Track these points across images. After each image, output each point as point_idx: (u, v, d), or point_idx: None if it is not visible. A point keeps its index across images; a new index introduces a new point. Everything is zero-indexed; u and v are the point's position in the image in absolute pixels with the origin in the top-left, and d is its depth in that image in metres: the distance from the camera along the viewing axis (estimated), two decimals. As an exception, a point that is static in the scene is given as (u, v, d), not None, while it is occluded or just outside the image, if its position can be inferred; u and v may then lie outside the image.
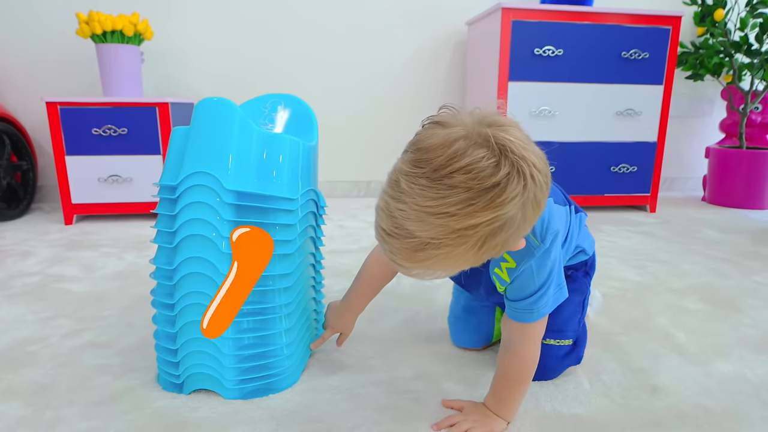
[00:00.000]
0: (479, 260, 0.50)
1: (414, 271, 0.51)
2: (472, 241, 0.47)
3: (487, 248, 0.48)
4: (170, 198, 0.70)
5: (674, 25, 1.95)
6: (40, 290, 1.17)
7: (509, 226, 0.48)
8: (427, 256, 0.48)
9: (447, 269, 0.51)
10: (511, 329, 0.66)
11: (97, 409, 0.70)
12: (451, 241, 0.47)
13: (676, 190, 2.67)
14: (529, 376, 0.67)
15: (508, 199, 0.46)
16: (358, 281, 0.82)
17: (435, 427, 0.66)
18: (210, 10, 2.16)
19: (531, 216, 0.50)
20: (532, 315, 0.63)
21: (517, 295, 0.64)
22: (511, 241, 0.50)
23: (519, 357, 0.66)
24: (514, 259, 0.62)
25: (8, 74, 2.10)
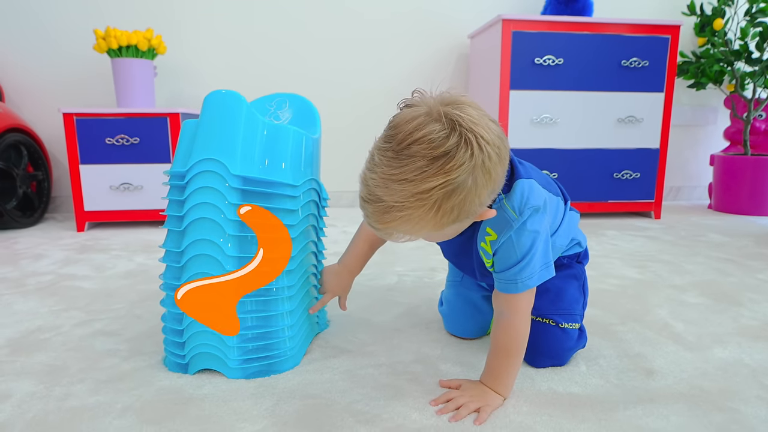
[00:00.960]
0: (440, 224, 0.56)
1: (386, 232, 0.59)
2: (429, 204, 0.54)
3: (443, 211, 0.55)
4: (179, 184, 0.74)
5: (673, 34, 1.99)
6: (53, 287, 1.20)
7: (461, 191, 0.54)
8: (393, 218, 0.56)
9: (412, 231, 0.58)
10: (501, 303, 0.69)
11: (106, 386, 0.73)
12: (411, 204, 0.54)
13: (682, 199, 2.67)
14: (520, 349, 0.69)
15: (456, 165, 0.53)
16: (355, 241, 0.87)
17: (432, 403, 0.68)
18: (220, 27, 2.24)
19: (483, 183, 0.56)
20: (517, 286, 0.66)
21: (501, 265, 0.67)
22: (468, 206, 0.56)
23: (509, 329, 0.68)
24: (495, 231, 0.67)
25: (27, 88, 2.19)
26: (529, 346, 0.73)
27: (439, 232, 0.60)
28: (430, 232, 0.59)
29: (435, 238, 0.66)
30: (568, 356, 0.79)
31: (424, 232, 0.59)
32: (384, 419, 0.64)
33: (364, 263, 0.89)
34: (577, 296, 0.82)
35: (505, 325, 0.68)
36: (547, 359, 0.78)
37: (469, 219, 0.60)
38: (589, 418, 0.64)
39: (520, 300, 0.67)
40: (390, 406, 0.67)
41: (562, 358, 0.78)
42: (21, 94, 2.19)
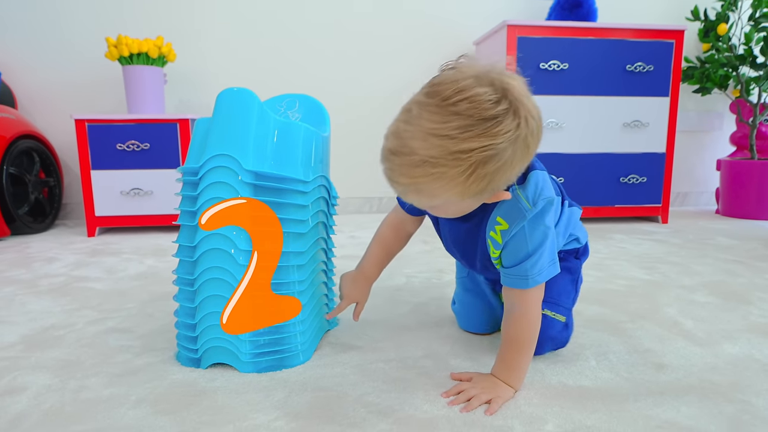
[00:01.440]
0: (466, 191, 0.55)
1: (407, 189, 0.57)
2: (465, 166, 0.53)
3: (476, 177, 0.54)
4: (193, 180, 0.76)
5: (677, 39, 2.00)
6: (65, 288, 1.22)
7: (499, 159, 0.54)
8: (423, 173, 0.54)
9: (435, 193, 0.56)
10: (511, 297, 0.69)
11: (120, 379, 0.74)
12: (447, 161, 0.53)
13: (689, 204, 2.66)
14: (532, 340, 0.69)
15: (502, 132, 0.52)
16: (372, 247, 0.86)
17: (444, 395, 0.68)
18: (229, 35, 2.27)
19: (519, 157, 0.56)
20: (527, 281, 0.66)
21: (511, 260, 0.67)
22: (498, 178, 0.56)
23: (520, 321, 0.68)
24: (506, 221, 0.66)
25: (40, 95, 2.23)
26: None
27: (457, 203, 0.59)
28: (451, 198, 0.57)
29: (446, 210, 0.64)
30: (548, 346, 0.78)
31: (444, 197, 0.57)
32: (395, 410, 0.65)
33: (380, 270, 0.87)
34: (568, 289, 0.82)
35: (516, 317, 0.69)
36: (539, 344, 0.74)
37: (489, 194, 0.59)
38: (600, 410, 0.65)
39: (531, 294, 0.67)
40: (401, 398, 0.68)
41: (542, 347, 0.76)
42: (34, 102, 2.23)
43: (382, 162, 0.59)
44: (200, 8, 2.25)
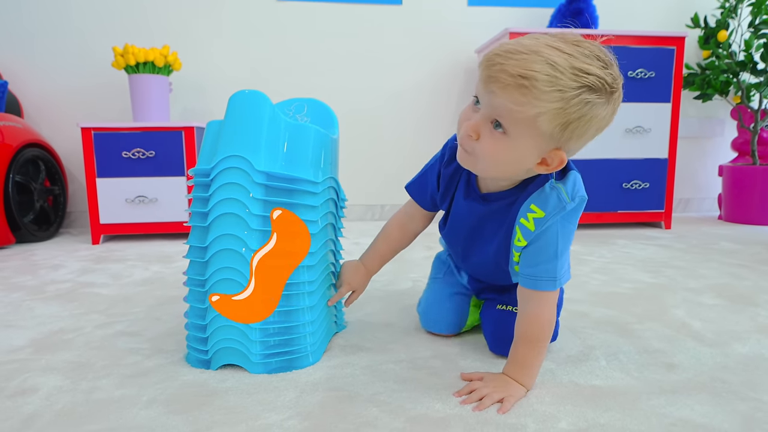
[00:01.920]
0: (558, 116, 0.57)
1: (515, 83, 0.56)
2: (578, 84, 0.55)
3: (577, 103, 0.56)
4: (204, 181, 0.76)
5: (678, 46, 2.02)
6: (72, 293, 1.22)
7: (598, 104, 0.58)
8: (541, 70, 0.55)
9: (539, 98, 0.56)
10: (528, 297, 0.69)
11: (130, 380, 0.74)
12: (565, 71, 0.55)
13: (691, 210, 2.67)
14: (546, 339, 0.69)
15: (616, 81, 0.59)
16: (377, 241, 0.89)
17: (456, 394, 0.68)
18: (234, 44, 2.30)
19: (602, 123, 0.60)
20: (555, 283, 0.67)
21: (537, 259, 0.67)
22: (581, 126, 0.58)
23: (534, 320, 0.68)
24: (543, 210, 0.66)
25: (46, 104, 2.25)
26: (493, 333, 0.79)
27: (528, 138, 0.59)
28: (540, 113, 0.56)
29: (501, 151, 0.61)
30: None
31: (538, 110, 0.56)
32: (407, 409, 0.65)
33: (382, 264, 0.91)
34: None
35: (530, 316, 0.68)
36: (509, 344, 0.72)
37: (560, 143, 0.60)
38: (613, 408, 0.64)
39: (551, 295, 0.68)
40: (412, 397, 0.68)
41: None
42: (40, 110, 2.25)
43: (488, 62, 0.58)
44: (206, 18, 2.27)
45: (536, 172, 0.65)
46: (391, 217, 0.90)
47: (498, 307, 0.83)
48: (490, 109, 0.61)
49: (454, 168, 0.78)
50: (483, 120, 0.62)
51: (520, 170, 0.66)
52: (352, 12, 2.34)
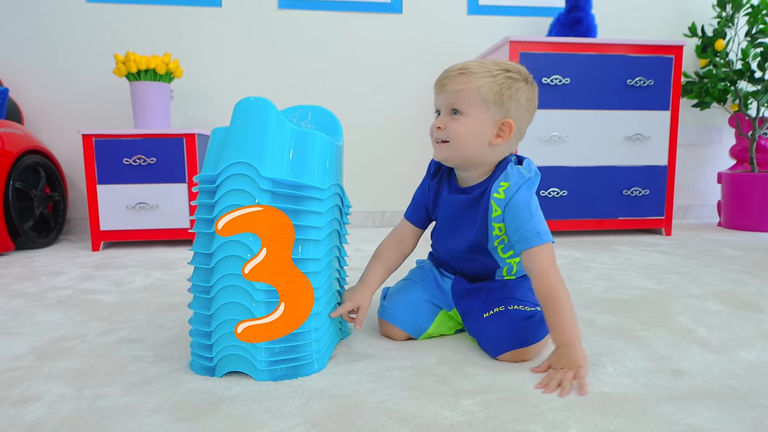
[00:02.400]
0: (493, 85, 0.79)
1: (457, 73, 0.81)
2: (497, 69, 0.81)
3: (499, 80, 0.80)
4: (210, 188, 0.76)
5: (676, 54, 2.04)
6: (73, 300, 1.21)
7: (518, 79, 0.81)
8: (473, 63, 0.82)
9: (475, 77, 0.80)
10: (530, 261, 0.79)
11: (135, 388, 0.73)
12: (486, 64, 0.82)
13: (691, 217, 2.68)
14: (565, 294, 0.77)
15: (529, 75, 0.84)
16: (372, 263, 0.95)
17: (539, 387, 0.72)
18: (236, 53, 2.30)
19: (527, 100, 0.83)
20: (540, 237, 0.79)
21: (518, 223, 0.80)
22: (515, 97, 0.81)
23: (548, 283, 0.77)
24: (507, 181, 0.82)
25: (47, 111, 2.25)
26: (492, 340, 0.82)
27: (480, 110, 0.80)
28: (480, 86, 0.79)
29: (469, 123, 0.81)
30: (526, 332, 0.80)
31: (477, 83, 0.79)
32: (416, 416, 0.64)
33: (381, 279, 0.94)
34: (530, 294, 0.87)
35: (542, 282, 0.78)
36: (505, 339, 0.80)
37: (503, 111, 0.81)
38: (622, 414, 0.64)
39: (545, 252, 0.79)
40: (420, 404, 0.67)
41: (521, 336, 0.80)
42: (41, 117, 2.25)
43: (438, 79, 0.84)
44: (207, 25, 2.28)
45: (496, 145, 0.83)
46: (382, 242, 0.97)
47: (485, 316, 0.85)
48: (447, 102, 0.82)
49: (438, 177, 0.94)
50: (444, 114, 0.83)
51: (483, 143, 0.82)
52: (352, 20, 2.36)
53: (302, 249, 0.77)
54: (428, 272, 0.97)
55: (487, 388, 0.72)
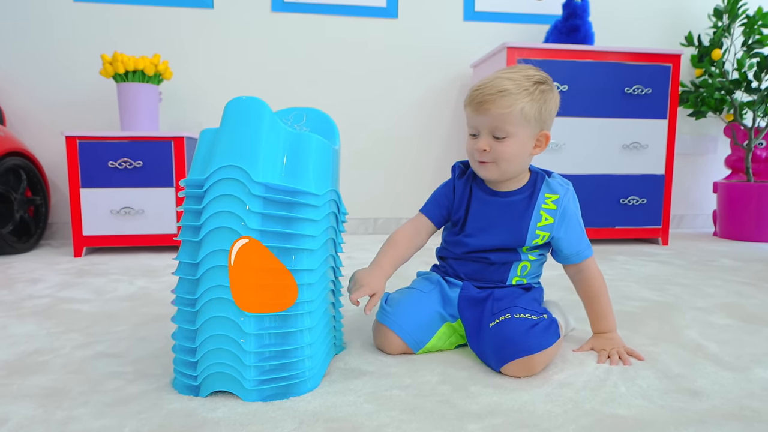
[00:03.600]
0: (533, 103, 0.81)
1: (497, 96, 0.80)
2: (530, 84, 0.82)
3: (536, 95, 0.82)
4: (197, 193, 0.71)
5: (674, 63, 2.02)
6: (50, 310, 1.14)
7: (547, 89, 0.84)
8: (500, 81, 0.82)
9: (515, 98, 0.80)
10: (579, 268, 0.89)
11: (111, 409, 0.67)
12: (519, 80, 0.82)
13: (685, 227, 2.66)
14: (605, 288, 0.90)
15: (549, 78, 0.86)
16: (385, 249, 0.91)
17: (599, 362, 0.83)
18: (228, 56, 2.25)
19: (557, 102, 0.87)
20: (589, 248, 0.89)
21: (572, 237, 0.88)
22: (546, 107, 0.84)
23: (591, 280, 0.89)
24: (555, 193, 0.88)
25: (30, 113, 2.17)
26: (495, 349, 0.78)
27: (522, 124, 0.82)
28: (523, 106, 0.80)
29: (512, 143, 0.83)
30: (531, 340, 0.76)
31: (519, 106, 0.80)
32: (418, 443, 0.59)
33: (394, 266, 0.90)
34: (533, 303, 0.86)
35: (587, 279, 0.89)
36: (509, 348, 0.76)
37: (540, 124, 0.83)
38: (641, 441, 0.59)
39: (591, 259, 0.90)
40: (424, 429, 0.62)
41: (527, 344, 0.76)
42: (23, 119, 2.17)
43: (472, 98, 0.84)
44: (199, 27, 2.23)
45: (532, 155, 0.87)
46: (397, 231, 0.94)
47: (490, 326, 0.81)
48: (490, 126, 0.83)
49: (465, 180, 0.94)
50: (486, 137, 0.84)
51: (526, 156, 0.86)
52: (347, 25, 2.32)
53: (296, 259, 0.72)
54: (435, 282, 0.93)
55: (494, 410, 0.67)
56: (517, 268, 0.91)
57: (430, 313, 0.88)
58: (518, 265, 0.91)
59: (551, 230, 0.88)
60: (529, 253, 0.91)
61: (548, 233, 0.88)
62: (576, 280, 0.91)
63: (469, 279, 0.92)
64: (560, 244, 0.89)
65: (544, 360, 0.78)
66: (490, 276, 0.91)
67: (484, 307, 0.86)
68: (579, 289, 0.91)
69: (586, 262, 0.89)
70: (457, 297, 0.90)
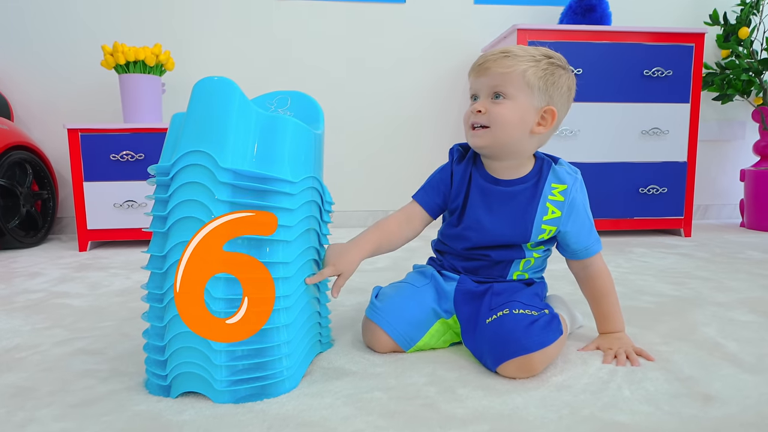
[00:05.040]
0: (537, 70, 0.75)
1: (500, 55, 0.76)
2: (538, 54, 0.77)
3: (542, 66, 0.76)
4: (164, 181, 0.66)
5: (697, 43, 1.91)
6: (41, 305, 1.13)
7: (558, 67, 0.77)
8: (507, 46, 0.78)
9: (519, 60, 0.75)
10: (588, 263, 0.83)
11: (74, 411, 0.63)
12: (527, 49, 0.77)
13: (711, 217, 2.53)
14: (613, 287, 0.83)
15: (566, 63, 0.79)
16: (370, 231, 0.84)
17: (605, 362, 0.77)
18: (233, 45, 2.21)
19: (569, 89, 0.79)
20: (599, 243, 0.83)
21: (581, 231, 0.81)
22: (557, 85, 0.77)
23: (599, 277, 0.82)
24: (562, 183, 0.81)
25: (37, 107, 2.17)
26: (492, 345, 0.72)
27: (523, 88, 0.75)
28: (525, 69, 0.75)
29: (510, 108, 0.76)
30: (531, 337, 0.70)
31: (522, 66, 0.75)
32: (393, 452, 0.54)
33: (372, 251, 0.82)
34: (534, 298, 0.81)
35: (594, 275, 0.82)
36: (506, 345, 0.70)
37: (546, 98, 0.76)
38: (642, 453, 0.53)
39: (599, 255, 0.83)
40: (400, 436, 0.57)
41: (525, 342, 0.70)
42: (31, 113, 2.18)
43: (476, 62, 0.79)
44: (202, 16, 2.19)
45: (537, 134, 0.78)
46: (388, 216, 0.87)
47: (487, 322, 0.75)
48: (489, 86, 0.78)
49: (464, 164, 0.86)
50: (484, 99, 0.78)
51: (525, 131, 0.77)
52: (354, 11, 2.25)
53: (270, 251, 0.67)
54: (429, 276, 0.87)
55: (481, 415, 0.61)
56: (519, 263, 0.85)
57: (423, 310, 0.82)
58: (520, 261, 0.84)
59: (558, 224, 0.81)
60: (534, 249, 0.84)
61: (555, 227, 0.81)
62: (581, 277, 0.85)
63: (468, 274, 0.86)
64: (568, 239, 0.82)
65: (545, 359, 0.71)
66: (489, 273, 0.85)
67: (481, 302, 0.80)
68: (584, 287, 0.85)
69: (593, 258, 0.83)
70: (453, 291, 0.84)
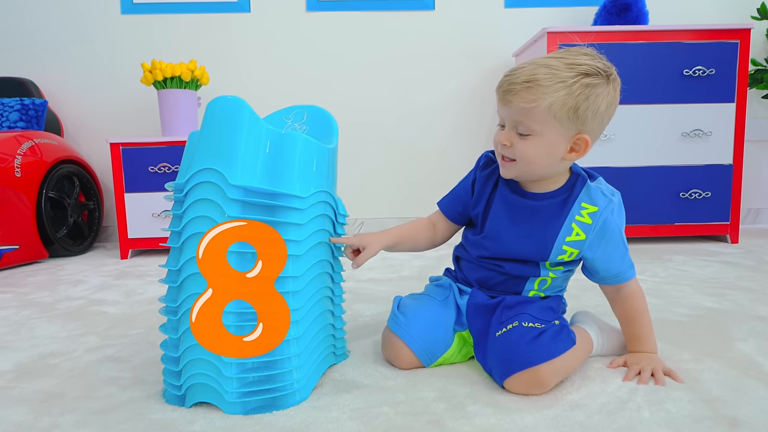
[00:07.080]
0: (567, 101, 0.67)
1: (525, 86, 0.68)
2: (572, 75, 0.68)
3: (579, 86, 0.67)
4: (179, 197, 0.69)
5: (742, 39, 1.81)
6: (80, 312, 1.19)
7: (598, 84, 0.68)
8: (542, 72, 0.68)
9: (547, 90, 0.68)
10: (620, 287, 0.78)
11: (95, 417, 0.66)
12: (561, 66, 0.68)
13: (762, 222, 2.39)
14: (647, 308, 0.79)
15: (609, 67, 0.70)
16: (401, 225, 0.88)
17: (625, 380, 0.74)
18: (265, 58, 2.27)
19: (604, 110, 0.71)
20: (632, 269, 0.78)
21: (613, 257, 0.76)
22: (590, 110, 0.68)
23: (632, 298, 0.78)
24: (593, 205, 0.75)
25: (84, 122, 2.30)
26: (500, 359, 0.71)
27: (551, 128, 0.69)
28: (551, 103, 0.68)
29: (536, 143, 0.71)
30: (538, 349, 0.69)
31: (549, 100, 0.68)
32: (392, 470, 0.53)
33: (397, 240, 0.85)
34: (547, 312, 0.78)
35: (624, 297, 0.78)
36: (514, 358, 0.69)
37: (578, 126, 0.70)
38: (654, 481, 0.50)
39: (634, 280, 0.79)
40: (402, 453, 0.56)
41: (533, 354, 0.68)
42: (79, 128, 2.31)
43: (500, 85, 0.72)
44: (235, 31, 2.27)
45: (570, 161, 0.74)
46: (420, 218, 0.91)
47: (497, 335, 0.74)
48: (512, 119, 0.72)
49: (490, 171, 0.83)
50: (509, 131, 0.73)
51: (555, 161, 0.73)
52: (383, 20, 2.27)
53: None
54: (448, 290, 0.86)
55: (488, 434, 0.60)
56: (534, 281, 0.81)
57: (446, 326, 0.81)
58: (536, 280, 0.81)
59: (581, 248, 0.76)
60: (552, 269, 0.80)
61: (577, 251, 0.77)
62: (612, 298, 0.81)
63: (480, 287, 0.84)
64: (596, 265, 0.78)
65: (555, 372, 0.69)
66: (503, 287, 0.82)
67: (492, 316, 0.78)
68: (615, 308, 0.81)
69: (622, 286, 0.79)
70: (465, 305, 0.83)
